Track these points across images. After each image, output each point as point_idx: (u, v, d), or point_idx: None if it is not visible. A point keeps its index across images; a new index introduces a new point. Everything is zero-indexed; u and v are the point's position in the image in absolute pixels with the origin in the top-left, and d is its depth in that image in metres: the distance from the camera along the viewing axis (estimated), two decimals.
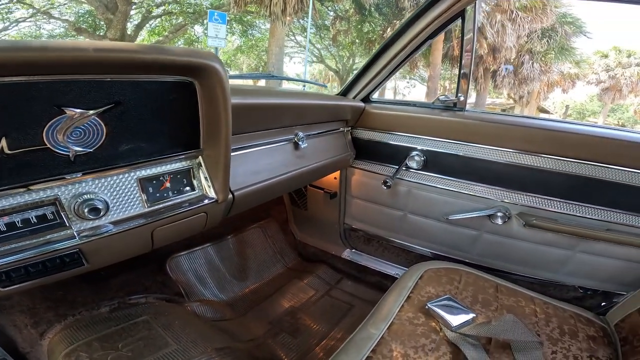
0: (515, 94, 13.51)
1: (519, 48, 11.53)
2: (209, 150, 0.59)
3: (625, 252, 0.99)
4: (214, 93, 0.53)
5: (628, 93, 15.65)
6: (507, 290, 0.88)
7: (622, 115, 21.38)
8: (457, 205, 1.13)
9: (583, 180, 0.97)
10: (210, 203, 0.62)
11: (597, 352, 0.75)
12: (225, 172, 0.61)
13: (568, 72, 13.73)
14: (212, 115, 0.56)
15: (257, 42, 13.26)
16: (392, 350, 0.65)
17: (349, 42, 12.80)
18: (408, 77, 18.19)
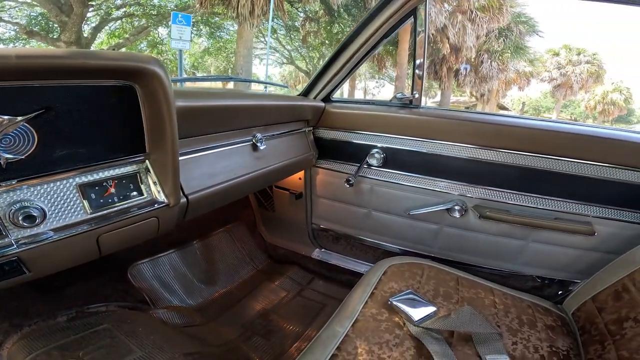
0: (477, 92, 14.10)
1: (478, 47, 12.08)
2: (156, 154, 0.59)
3: (574, 241, 1.03)
4: (156, 96, 0.53)
5: (578, 89, 16.71)
6: (467, 283, 0.90)
7: (574, 111, 22.81)
8: (418, 200, 1.16)
9: (531, 171, 1.02)
10: (161, 207, 0.61)
11: (557, 342, 0.76)
12: (174, 176, 0.60)
13: (523, 71, 14.42)
14: (156, 119, 0.55)
15: (225, 44, 13.05)
16: (356, 347, 0.66)
17: (319, 43, 12.90)
18: (377, 77, 18.60)
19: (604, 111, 17.90)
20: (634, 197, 0.95)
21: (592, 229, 0.98)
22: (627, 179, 0.94)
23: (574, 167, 0.97)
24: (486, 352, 0.68)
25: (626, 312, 0.74)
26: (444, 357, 0.63)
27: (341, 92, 11.65)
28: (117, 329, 0.89)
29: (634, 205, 0.96)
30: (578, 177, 0.98)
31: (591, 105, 18.35)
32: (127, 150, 0.57)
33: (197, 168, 0.73)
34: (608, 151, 0.95)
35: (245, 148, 0.89)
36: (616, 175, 0.95)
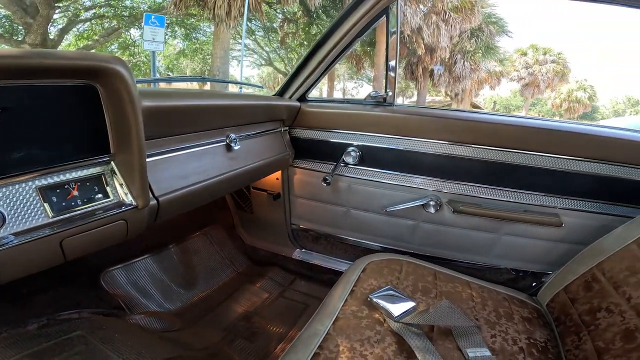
0: (452, 91, 14.44)
1: (452, 48, 12.42)
2: (122, 155, 0.57)
3: (544, 232, 1.07)
4: (119, 96, 0.52)
5: (545, 88, 17.43)
6: (444, 277, 0.91)
7: (541, 109, 23.73)
8: (394, 197, 1.18)
9: (500, 165, 1.05)
10: (129, 210, 0.59)
11: (534, 333, 0.77)
12: (142, 177, 0.59)
13: (494, 70, 14.90)
14: (121, 119, 0.54)
15: (201, 45, 12.84)
16: (338, 345, 0.66)
17: (297, 44, 12.90)
18: (356, 77, 18.81)
19: (570, 109, 18.68)
20: (599, 188, 0.99)
21: (559, 220, 1.02)
22: (592, 171, 0.98)
23: (541, 161, 1.01)
24: (466, 345, 0.69)
25: (598, 303, 0.75)
26: (426, 352, 0.64)
27: (320, 93, 11.73)
28: (91, 335, 0.87)
29: (598, 196, 1.00)
30: (545, 170, 1.01)
31: (557, 103, 19.13)
32: (90, 151, 0.55)
33: (168, 169, 0.72)
34: (573, 144, 0.99)
35: (218, 148, 0.88)
36: (581, 167, 0.99)
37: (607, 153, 0.96)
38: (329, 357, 0.63)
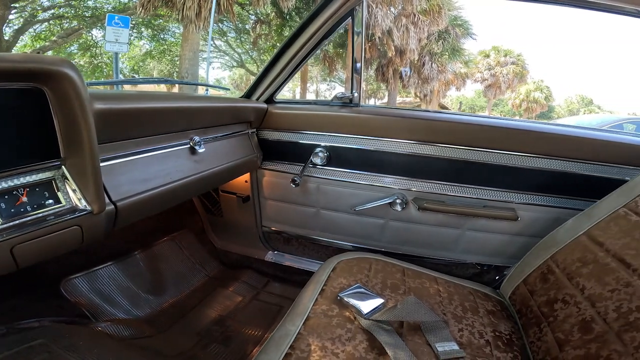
0: (421, 92, 14.83)
1: (420, 50, 12.80)
2: (73, 159, 0.55)
3: (503, 226, 1.11)
4: (68, 99, 0.50)
5: (506, 89, 18.34)
6: (412, 274, 0.93)
7: (503, 109, 24.82)
8: (362, 196, 1.20)
9: (460, 163, 1.08)
10: (84, 215, 0.57)
11: (499, 326, 0.79)
12: (95, 182, 0.57)
13: (459, 72, 15.46)
14: (70, 123, 0.52)
15: (170, 46, 12.45)
16: (309, 345, 0.65)
17: (270, 46, 12.82)
18: (329, 79, 18.96)
19: (528, 108, 19.67)
20: (551, 183, 1.05)
21: (515, 214, 1.07)
22: (544, 167, 1.03)
23: (497, 158, 1.06)
24: (435, 340, 0.70)
25: (554, 294, 0.77)
26: (396, 348, 0.64)
27: (293, 95, 11.65)
28: (54, 343, 0.83)
29: (551, 190, 1.06)
30: (501, 166, 1.06)
31: (517, 103, 20.10)
32: (39, 156, 0.53)
33: (126, 173, 0.70)
34: (526, 142, 1.04)
35: (182, 151, 0.86)
36: (534, 163, 1.04)
37: (558, 149, 1.02)
38: (301, 357, 0.62)
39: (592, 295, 0.69)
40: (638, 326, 0.58)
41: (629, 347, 0.57)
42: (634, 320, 0.59)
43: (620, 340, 0.59)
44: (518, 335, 0.78)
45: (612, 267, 0.69)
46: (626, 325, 0.60)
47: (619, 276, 0.67)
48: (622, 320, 0.61)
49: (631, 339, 0.57)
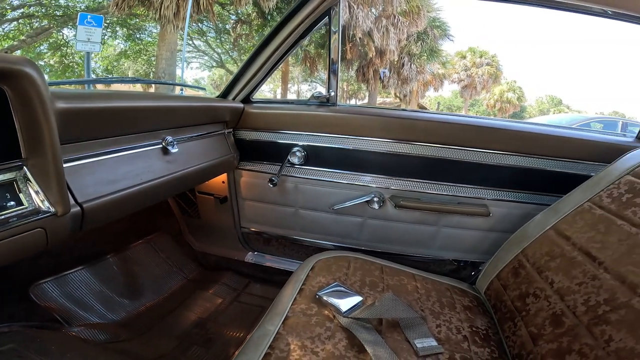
0: (400, 93, 15.08)
1: (400, 51, 13.02)
2: (35, 159, 0.54)
3: (477, 223, 1.14)
4: (28, 99, 0.49)
5: (481, 89, 18.82)
6: (391, 271, 0.94)
7: (478, 109, 25.35)
8: (340, 195, 1.20)
9: (434, 161, 1.11)
10: (47, 217, 0.56)
11: (475, 321, 0.80)
12: (59, 183, 0.56)
13: (437, 72, 15.76)
14: (31, 122, 0.51)
15: (146, 46, 12.10)
16: (289, 344, 0.65)
17: (251, 46, 12.71)
18: (310, 79, 18.97)
19: (502, 109, 20.24)
20: (521, 179, 1.09)
21: (487, 210, 1.10)
22: (514, 164, 1.07)
23: (470, 155, 1.09)
24: (414, 336, 0.71)
25: (525, 288, 0.78)
26: (375, 345, 0.64)
27: (274, 95, 11.61)
28: (25, 348, 0.79)
29: (521, 186, 1.10)
30: (474, 163, 1.09)
31: (491, 103, 20.64)
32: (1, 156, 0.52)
33: (93, 174, 0.68)
34: (497, 139, 1.07)
35: (153, 152, 0.84)
36: (505, 160, 1.07)
37: (526, 147, 1.06)
38: (280, 356, 0.62)
39: (560, 288, 0.70)
40: (607, 319, 0.59)
41: (600, 341, 0.57)
42: (602, 313, 0.60)
43: (591, 333, 0.60)
44: (494, 330, 0.79)
45: (578, 261, 0.71)
46: (595, 319, 0.60)
47: (586, 269, 0.68)
48: (591, 314, 0.62)
49: (601, 333, 0.57)
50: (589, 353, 0.56)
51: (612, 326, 0.57)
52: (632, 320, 0.55)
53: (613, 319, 0.58)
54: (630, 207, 0.69)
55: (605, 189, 0.78)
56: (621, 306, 0.58)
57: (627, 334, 0.54)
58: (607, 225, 0.71)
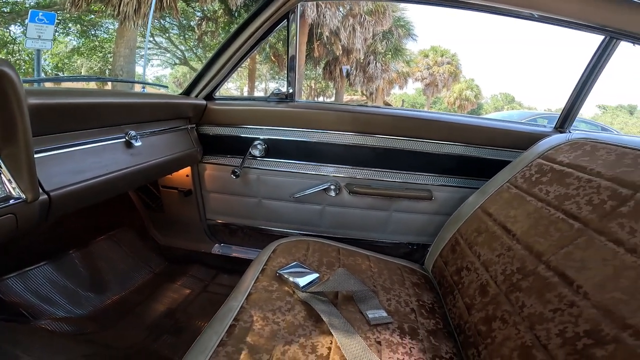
0: (367, 90, 15.39)
1: (366, 49, 13.22)
2: (7, 150, 0.58)
3: (423, 207, 1.25)
4: (4, 96, 0.53)
5: (442, 87, 19.56)
6: (347, 252, 1.00)
7: (440, 106, 26.23)
8: (300, 184, 1.28)
9: (384, 150, 1.20)
10: (18, 203, 0.59)
11: (422, 296, 0.86)
12: (29, 171, 0.59)
13: (402, 71, 16.14)
14: (6, 117, 0.55)
15: (101, 43, 11.44)
16: (252, 316, 0.69)
17: (217, 43, 12.37)
18: (277, 77, 18.81)
19: (461, 106, 21.14)
20: (458, 166, 1.21)
21: (430, 194, 1.22)
22: (452, 152, 1.19)
23: (415, 145, 1.20)
24: (366, 308, 0.76)
25: (460, 263, 0.85)
26: (331, 315, 0.70)
27: (241, 93, 11.44)
28: None
29: (459, 172, 1.22)
30: (418, 152, 1.20)
31: (451, 101, 21.51)
32: None
33: (60, 165, 0.71)
34: (437, 130, 1.18)
35: (117, 145, 0.88)
36: (444, 149, 1.19)
37: (461, 137, 1.18)
38: (244, 327, 0.66)
39: (485, 260, 0.77)
40: (520, 287, 0.64)
41: (516, 307, 0.62)
42: (516, 281, 0.66)
43: (509, 300, 0.65)
44: (440, 304, 0.85)
45: (497, 234, 0.79)
46: (511, 287, 0.66)
47: (503, 242, 0.76)
48: (508, 282, 0.68)
49: (516, 299, 0.63)
50: (508, 319, 0.61)
51: (524, 293, 0.63)
52: (539, 286, 0.61)
53: (524, 286, 0.64)
54: (537, 185, 0.80)
55: (520, 171, 0.90)
56: (530, 274, 0.64)
57: (536, 299, 0.59)
58: (519, 202, 0.81)
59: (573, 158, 0.78)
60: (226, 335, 0.64)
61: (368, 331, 0.70)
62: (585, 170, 0.72)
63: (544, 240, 0.67)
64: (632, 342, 0.44)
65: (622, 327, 0.46)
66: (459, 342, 0.73)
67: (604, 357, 0.46)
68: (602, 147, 0.75)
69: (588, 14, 0.96)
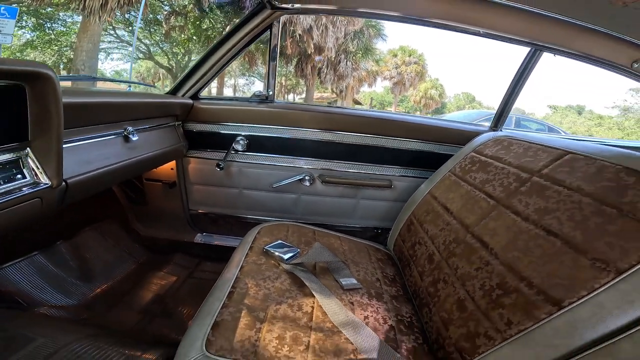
0: (337, 88, 15.65)
1: (337, 48, 13.45)
2: (38, 141, 0.65)
3: (385, 195, 1.43)
4: (45, 95, 0.60)
5: (409, 86, 20.14)
6: (322, 234, 1.15)
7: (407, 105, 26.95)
8: (278, 175, 1.42)
9: (353, 146, 1.38)
10: (44, 188, 0.67)
11: (386, 269, 1.00)
12: (57, 160, 0.67)
13: (371, 69, 16.61)
14: (43, 113, 0.62)
15: (58, 36, 10.73)
16: (247, 284, 0.81)
17: (185, 38, 11.99)
18: (247, 74, 18.55)
19: (426, 104, 21.92)
20: (414, 159, 1.41)
21: (390, 183, 1.41)
22: (409, 147, 1.39)
23: (378, 141, 1.38)
24: (340, 277, 0.89)
25: (414, 239, 1.01)
26: (311, 282, 0.84)
27: (209, 89, 11.14)
28: (5, 322, 0.87)
29: (414, 164, 1.42)
30: (381, 148, 1.38)
31: (417, 99, 22.19)
32: (11, 139, 0.62)
33: (73, 156, 0.79)
34: (396, 129, 1.37)
35: (118, 139, 0.97)
36: (403, 145, 1.38)
37: (416, 134, 1.38)
38: (241, 292, 0.78)
39: (432, 235, 0.93)
40: (455, 253, 0.79)
41: (452, 269, 0.77)
42: (452, 249, 0.81)
43: (448, 265, 0.80)
44: (400, 276, 1.00)
45: (440, 213, 0.96)
46: (449, 254, 0.81)
47: (444, 219, 0.93)
48: (447, 251, 0.83)
49: (453, 263, 0.78)
50: (448, 279, 0.77)
51: (458, 257, 0.78)
52: (467, 252, 0.77)
53: (457, 252, 0.79)
54: (469, 173, 1.00)
55: (459, 162, 1.10)
56: (461, 242, 0.81)
57: (465, 262, 0.75)
58: (456, 187, 1.00)
59: (494, 151, 0.99)
60: (227, 300, 0.75)
61: (342, 294, 0.83)
62: (501, 160, 0.92)
63: (471, 215, 0.84)
64: (527, 291, 0.58)
65: (520, 279, 0.61)
66: (415, 305, 0.87)
67: (510, 304, 0.59)
68: (515, 143, 0.95)
69: (520, 29, 1.17)
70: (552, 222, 0.64)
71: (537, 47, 1.22)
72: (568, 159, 0.75)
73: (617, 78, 1.74)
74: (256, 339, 0.66)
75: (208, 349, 0.62)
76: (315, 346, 0.67)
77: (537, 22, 1.11)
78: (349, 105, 16.99)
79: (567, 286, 0.54)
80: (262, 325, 0.69)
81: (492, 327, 0.60)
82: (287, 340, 0.67)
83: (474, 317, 0.65)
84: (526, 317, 0.56)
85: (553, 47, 1.20)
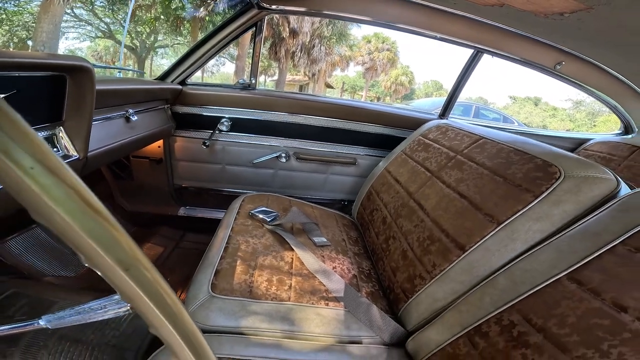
0: (309, 72, 15.63)
1: (312, 32, 13.32)
2: (70, 122, 0.77)
3: (351, 171, 1.63)
4: (82, 83, 0.72)
5: (381, 72, 20.46)
6: (297, 203, 1.31)
7: (377, 90, 27.21)
8: (258, 153, 1.58)
9: (323, 128, 1.57)
10: (74, 160, 0.79)
11: (350, 233, 1.16)
12: (86, 137, 0.80)
13: (344, 54, 16.59)
14: (79, 98, 0.74)
15: (10, 16, 9.85)
16: (238, 241, 0.95)
17: (152, 18, 11.34)
18: (217, 55, 17.81)
19: (396, 90, 22.29)
20: (375, 140, 1.61)
21: (355, 161, 1.62)
22: (370, 131, 1.59)
23: (345, 125, 1.58)
24: (313, 236, 1.05)
25: (372, 207, 1.16)
26: (290, 239, 0.99)
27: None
28: (24, 290, 0.96)
29: (374, 145, 1.62)
30: (347, 130, 1.59)
31: (388, 85, 22.50)
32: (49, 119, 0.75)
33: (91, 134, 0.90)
34: (359, 114, 1.57)
35: (120, 120, 1.10)
36: (365, 129, 1.59)
37: (377, 120, 1.59)
38: (234, 247, 0.92)
39: (386, 202, 1.10)
40: (401, 214, 0.96)
41: (399, 228, 0.92)
42: (399, 211, 0.99)
43: (396, 224, 0.95)
44: (361, 238, 1.17)
45: (392, 184, 1.14)
46: (397, 215, 0.98)
47: (395, 189, 1.11)
48: (396, 213, 1.00)
49: (399, 223, 0.95)
50: (396, 236, 0.94)
51: (403, 218, 0.95)
52: (409, 213, 0.94)
53: (403, 214, 0.97)
54: (415, 152, 1.21)
55: (409, 144, 1.30)
56: (405, 206, 0.98)
57: (407, 221, 0.92)
58: (405, 163, 1.21)
59: (435, 136, 1.21)
60: (224, 253, 0.89)
61: (316, 250, 0.99)
62: (438, 142, 1.15)
63: (413, 184, 1.06)
64: (445, 240, 0.75)
65: (441, 231, 0.78)
66: (373, 260, 1.03)
67: (435, 250, 0.76)
68: (451, 130, 1.17)
69: (466, 35, 1.38)
70: (464, 188, 0.84)
71: (478, 49, 1.45)
72: (481, 143, 0.98)
73: None
74: (251, 282, 0.80)
75: (213, 290, 0.75)
76: (296, 287, 0.82)
77: (479, 29, 1.32)
78: (321, 88, 17.06)
79: (469, 235, 0.71)
80: (254, 272, 0.84)
81: (424, 270, 0.77)
82: (275, 282, 0.82)
83: (412, 263, 0.82)
84: (444, 260, 0.73)
85: (491, 50, 1.42)
